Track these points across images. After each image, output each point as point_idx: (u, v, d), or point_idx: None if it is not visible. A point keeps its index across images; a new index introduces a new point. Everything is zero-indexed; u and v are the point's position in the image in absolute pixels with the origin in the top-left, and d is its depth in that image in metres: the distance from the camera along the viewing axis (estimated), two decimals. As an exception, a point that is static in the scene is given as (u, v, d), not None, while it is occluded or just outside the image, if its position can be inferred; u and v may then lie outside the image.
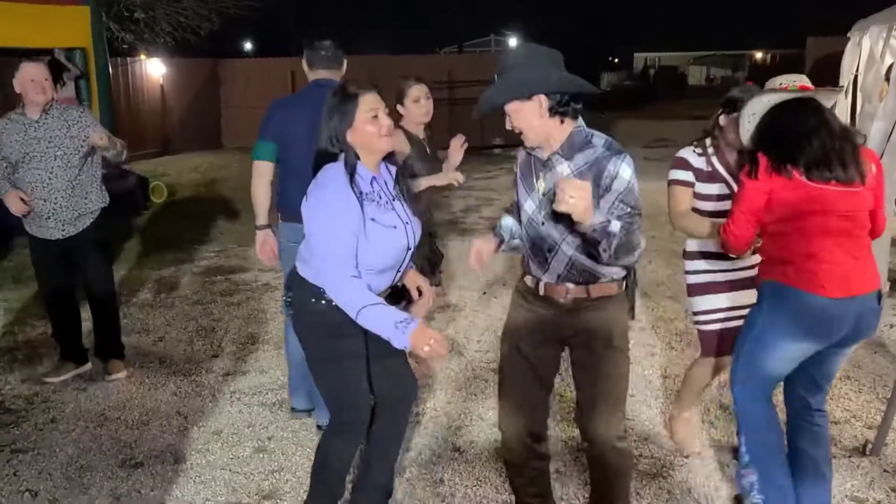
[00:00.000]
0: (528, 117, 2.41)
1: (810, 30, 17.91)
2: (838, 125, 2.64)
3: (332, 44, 3.61)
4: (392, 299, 2.70)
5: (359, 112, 2.51)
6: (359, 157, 2.55)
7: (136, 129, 14.47)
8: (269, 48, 31.56)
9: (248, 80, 16.86)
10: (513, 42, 32.60)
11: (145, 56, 15.99)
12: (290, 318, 3.65)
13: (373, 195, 2.56)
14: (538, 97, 2.38)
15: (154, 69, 15.95)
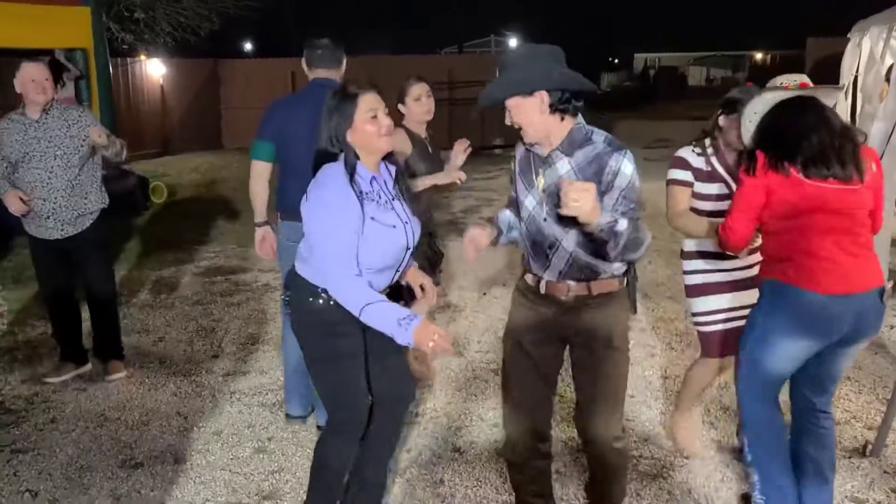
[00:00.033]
0: (529, 113, 2.40)
1: (810, 30, 17.94)
2: (839, 123, 2.63)
3: (330, 42, 3.61)
4: (391, 299, 2.70)
5: (358, 112, 2.51)
6: (358, 156, 2.55)
7: (137, 129, 14.48)
8: (270, 48, 31.58)
9: (248, 81, 16.87)
10: (513, 43, 32.64)
11: (145, 56, 16.01)
12: (288, 317, 3.66)
13: (372, 194, 2.56)
14: (539, 93, 2.38)
15: (154, 69, 15.96)
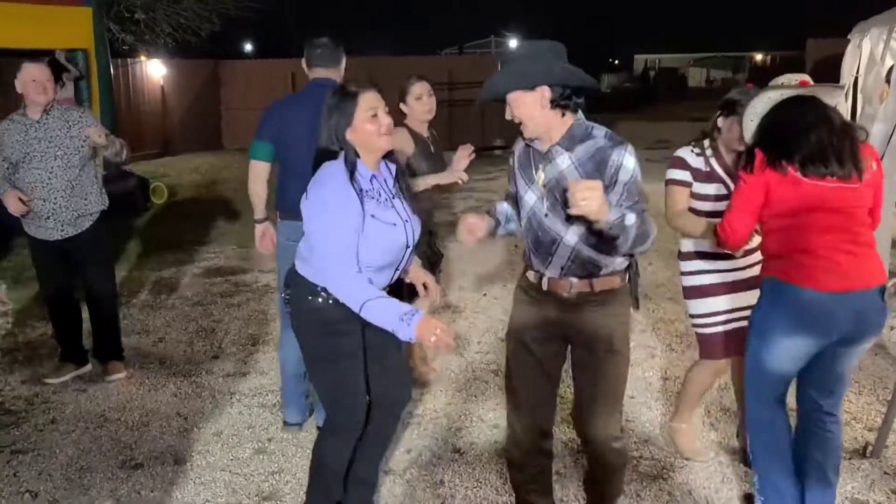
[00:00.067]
0: (530, 108, 2.40)
1: (811, 31, 17.96)
2: (839, 121, 2.63)
3: (329, 41, 3.58)
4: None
5: (358, 111, 2.51)
6: (358, 154, 2.55)
7: (137, 130, 14.49)
8: (270, 49, 31.59)
9: (248, 82, 16.88)
10: (513, 43, 32.61)
11: (146, 57, 16.01)
12: (288, 316, 3.66)
13: (372, 192, 2.56)
14: (541, 88, 2.38)
15: (154, 70, 15.97)
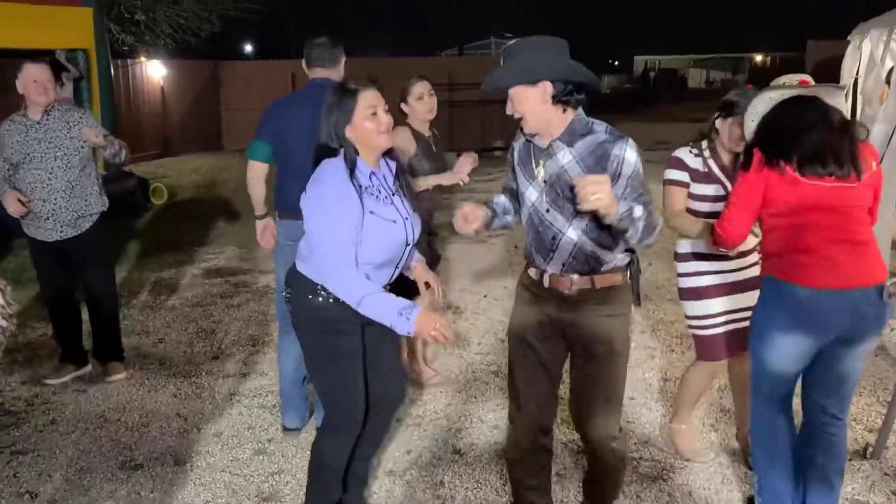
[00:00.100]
0: (531, 103, 2.40)
1: (811, 33, 17.95)
2: (839, 120, 2.63)
3: (327, 41, 3.58)
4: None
5: (358, 109, 2.52)
6: (358, 152, 2.56)
7: (137, 130, 14.48)
8: (270, 50, 31.56)
9: (248, 82, 16.87)
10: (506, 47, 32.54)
11: (146, 58, 16.01)
12: (287, 320, 3.66)
13: (372, 189, 2.56)
14: (543, 83, 2.38)
15: (154, 71, 15.96)
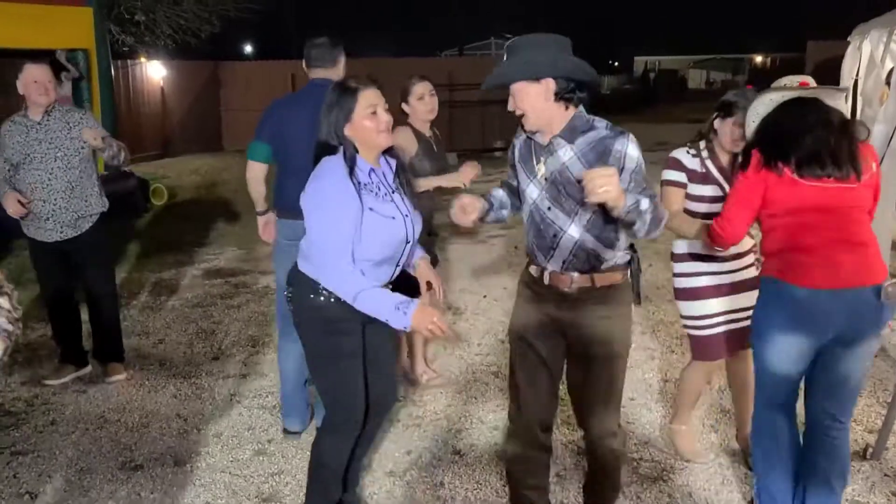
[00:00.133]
0: (533, 99, 2.40)
1: (811, 33, 17.98)
2: (839, 121, 2.64)
3: (327, 41, 3.57)
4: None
5: (358, 107, 2.52)
6: (357, 150, 2.56)
7: (137, 131, 14.50)
8: (270, 51, 31.58)
9: (248, 83, 16.88)
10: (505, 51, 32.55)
11: (146, 59, 16.02)
12: (286, 322, 3.67)
13: (371, 186, 2.57)
14: (546, 80, 2.37)
15: (154, 72, 15.97)
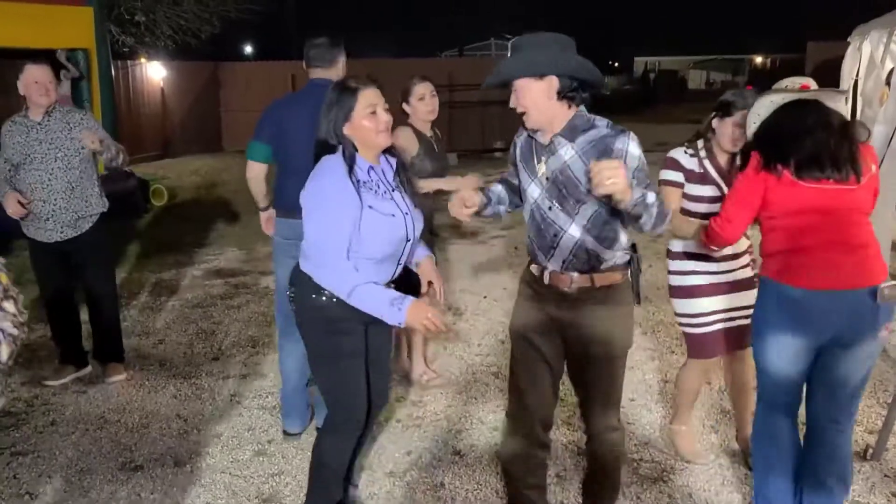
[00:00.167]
0: (536, 97, 2.40)
1: (811, 34, 18.00)
2: (839, 123, 2.64)
3: (326, 40, 3.56)
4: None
5: (357, 107, 2.52)
6: (357, 148, 2.56)
7: (137, 132, 14.50)
8: (270, 51, 31.58)
9: (248, 84, 16.90)
10: (509, 48, 32.59)
11: (146, 59, 16.03)
12: (286, 324, 3.67)
13: (370, 184, 2.57)
14: (550, 78, 2.38)
15: (154, 72, 15.98)
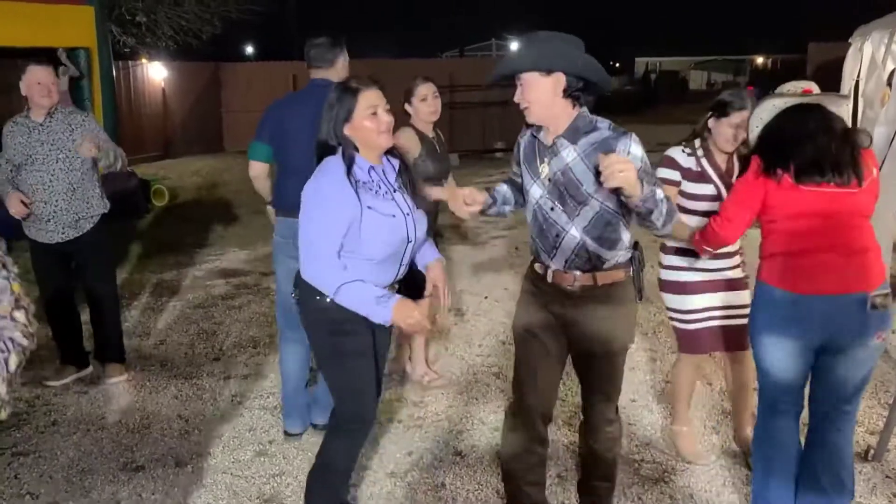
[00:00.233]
0: (542, 93, 2.40)
1: (812, 35, 17.98)
2: (840, 128, 2.65)
3: (326, 40, 3.55)
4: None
5: (358, 108, 2.52)
6: (357, 149, 2.57)
7: (138, 132, 14.52)
8: (271, 52, 31.59)
9: (249, 84, 16.90)
10: (514, 46, 32.62)
11: (147, 60, 16.03)
12: (286, 325, 3.67)
13: (371, 184, 2.57)
14: (557, 75, 2.38)
15: (156, 73, 15.99)
